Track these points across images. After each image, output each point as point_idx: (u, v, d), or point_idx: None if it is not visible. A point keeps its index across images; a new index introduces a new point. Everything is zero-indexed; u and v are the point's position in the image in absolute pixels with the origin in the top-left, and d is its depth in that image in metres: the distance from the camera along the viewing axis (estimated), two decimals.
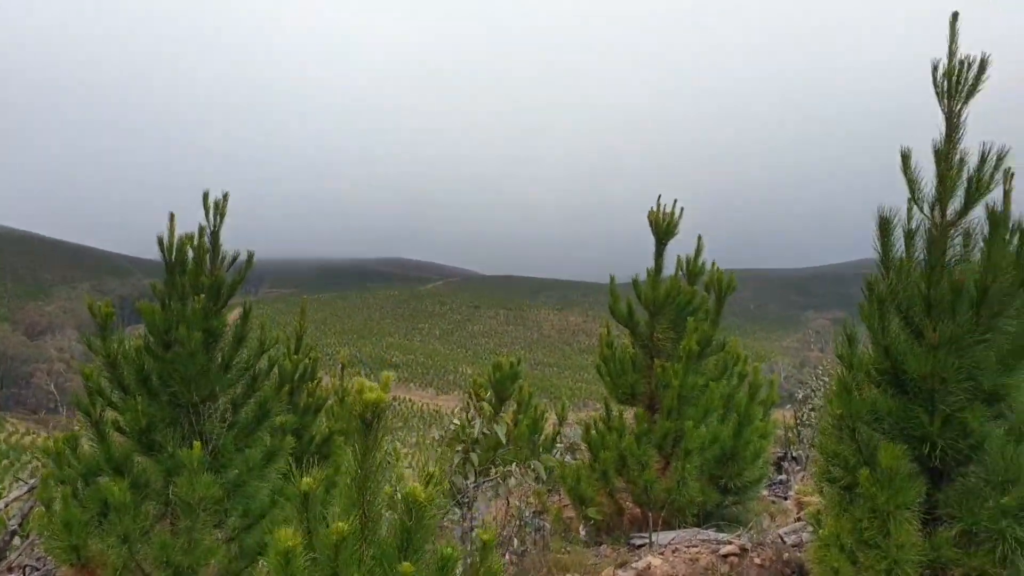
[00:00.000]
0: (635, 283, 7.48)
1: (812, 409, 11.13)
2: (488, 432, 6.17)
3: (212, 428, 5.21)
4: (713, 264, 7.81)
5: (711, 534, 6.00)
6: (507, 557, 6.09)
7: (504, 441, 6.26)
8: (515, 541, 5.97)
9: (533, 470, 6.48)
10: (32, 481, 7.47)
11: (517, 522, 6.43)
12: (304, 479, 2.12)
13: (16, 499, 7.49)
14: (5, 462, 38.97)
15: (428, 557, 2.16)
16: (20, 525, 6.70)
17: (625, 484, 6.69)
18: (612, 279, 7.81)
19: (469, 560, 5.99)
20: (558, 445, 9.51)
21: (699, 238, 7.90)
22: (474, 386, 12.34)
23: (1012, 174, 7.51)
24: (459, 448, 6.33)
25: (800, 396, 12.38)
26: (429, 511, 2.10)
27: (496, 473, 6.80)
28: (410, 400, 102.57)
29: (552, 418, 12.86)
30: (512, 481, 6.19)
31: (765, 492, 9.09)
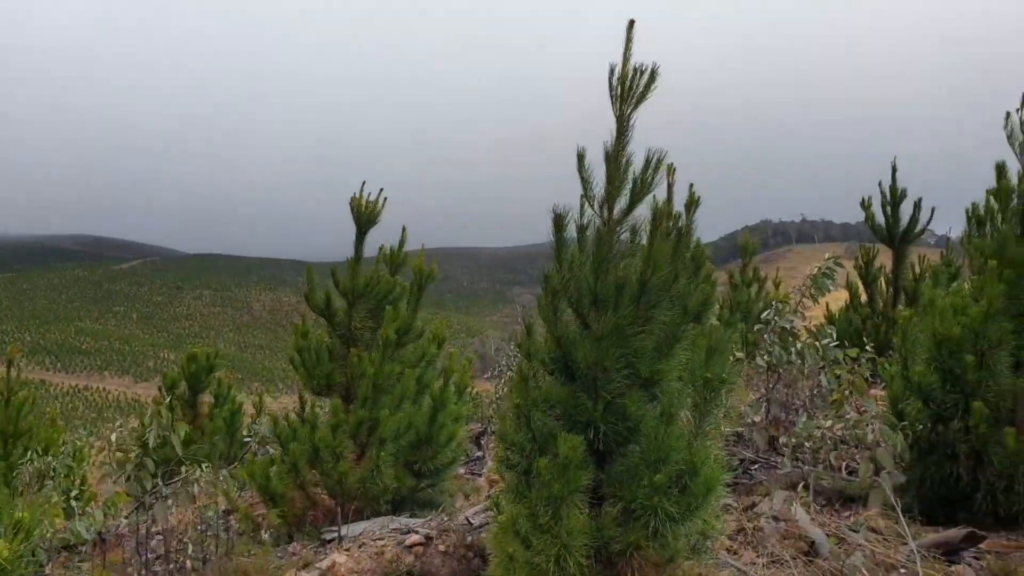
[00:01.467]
0: (334, 272, 7.31)
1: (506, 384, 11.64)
2: (167, 435, 5.71)
3: None
4: (419, 255, 7.82)
5: (403, 521, 6.01)
6: (188, 564, 5.69)
7: (180, 450, 5.83)
8: (190, 547, 5.58)
9: (222, 479, 6.10)
10: None
11: (199, 527, 6.03)
12: None
13: None
14: None
15: None
16: None
17: (319, 477, 6.52)
18: (309, 269, 7.58)
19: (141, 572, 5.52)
20: (250, 442, 9.12)
21: (403, 229, 7.88)
22: (164, 380, 11.51)
23: (674, 169, 8.19)
24: (132, 455, 5.80)
25: (497, 371, 12.90)
26: (18, 568, 1.79)
27: (181, 476, 6.34)
28: (104, 389, 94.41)
29: (251, 408, 12.35)
30: (196, 488, 5.78)
31: (462, 470, 9.35)
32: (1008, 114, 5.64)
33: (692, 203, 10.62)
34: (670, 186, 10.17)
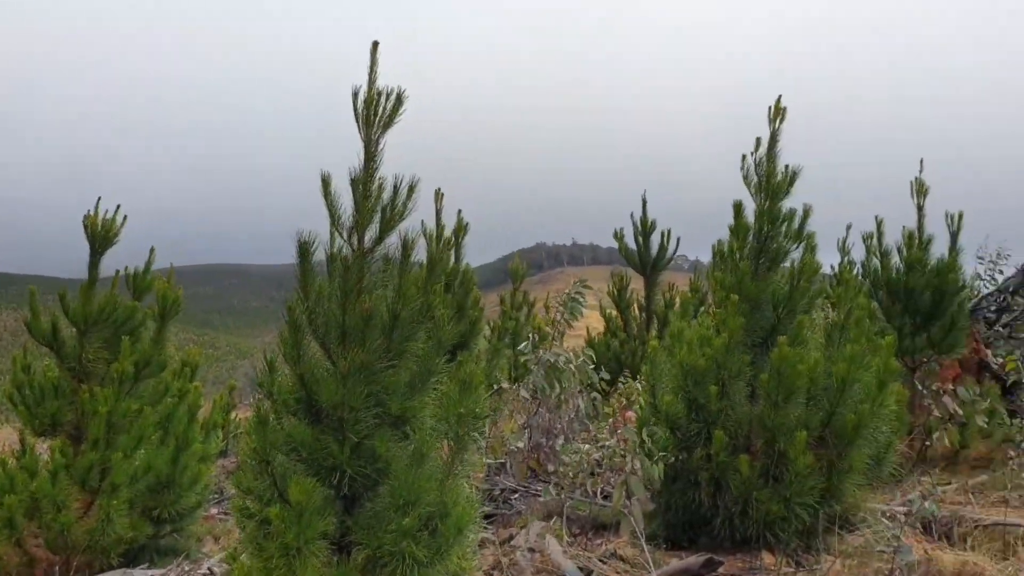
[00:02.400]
0: (62, 297, 6.55)
1: None
2: None
3: None
4: (164, 277, 7.19)
5: (139, 573, 5.45)
6: None
7: None
8: None
9: None
10: None
11: None
12: None
13: None
14: None
15: None
16: None
17: (37, 529, 5.77)
18: (33, 292, 6.74)
19: None
20: None
21: (151, 250, 7.23)
22: None
23: (442, 194, 8.05)
24: None
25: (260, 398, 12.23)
26: None
27: None
28: None
29: None
30: None
31: (215, 510, 8.72)
32: (744, 156, 6.05)
33: (460, 229, 10.68)
34: (438, 211, 10.09)
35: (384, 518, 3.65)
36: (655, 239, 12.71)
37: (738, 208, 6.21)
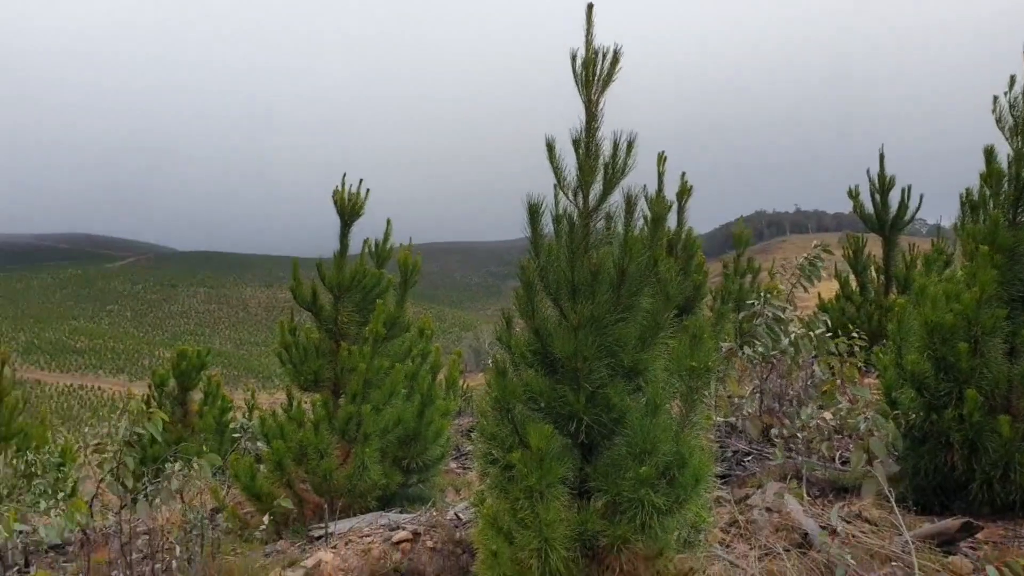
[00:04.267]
0: (319, 266, 7.22)
1: None
2: (142, 431, 5.62)
3: None
4: (402, 245, 7.76)
5: (392, 517, 5.94)
6: (174, 564, 5.61)
7: (159, 438, 5.74)
8: (178, 549, 5.50)
9: (200, 468, 6.02)
10: None
11: (185, 526, 5.94)
12: None
13: None
14: None
15: None
16: None
17: (305, 474, 6.45)
18: (295, 263, 7.48)
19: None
20: (236, 435, 9.05)
21: (388, 222, 7.81)
22: (154, 378, 11.44)
23: (665, 158, 8.04)
24: (109, 455, 5.70)
25: (490, 365, 12.82)
26: None
27: (165, 473, 6.25)
28: (100, 388, 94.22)
29: (243, 406, 12.28)
30: (176, 482, 5.70)
31: (454, 464, 9.29)
32: (996, 98, 5.57)
33: (684, 192, 10.53)
34: (660, 175, 10.04)
35: (622, 466, 3.77)
36: (894, 196, 11.89)
37: (989, 153, 5.72)
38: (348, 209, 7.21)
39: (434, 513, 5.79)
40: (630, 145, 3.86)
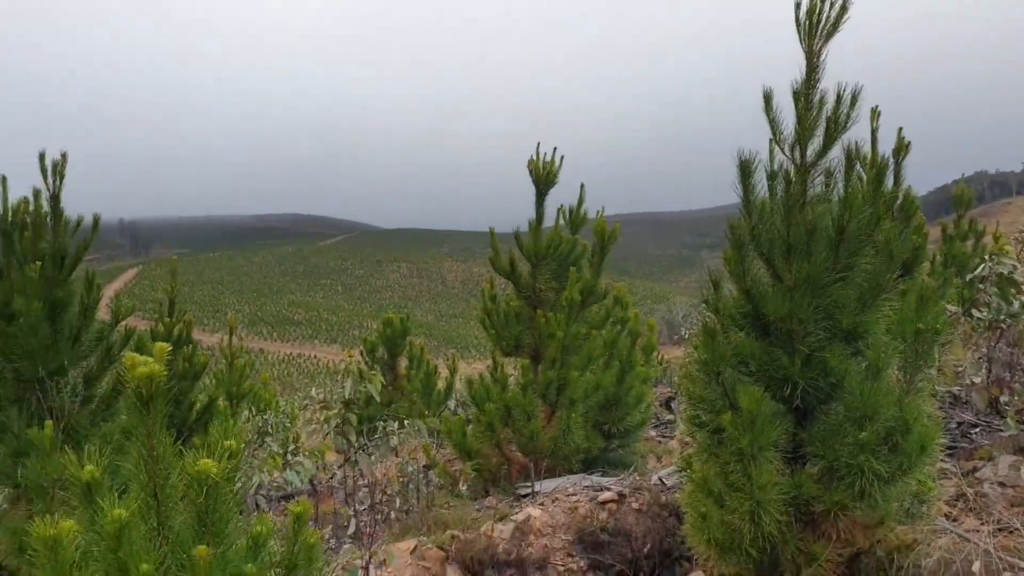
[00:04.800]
0: (516, 235, 7.37)
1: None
2: (363, 390, 6.01)
3: (63, 404, 4.88)
4: (598, 212, 7.78)
5: (595, 479, 6.02)
6: (392, 515, 5.99)
7: (378, 398, 6.11)
8: (397, 501, 5.86)
9: (417, 429, 6.37)
10: None
11: (402, 479, 6.32)
12: (87, 467, 1.92)
13: None
14: None
15: (234, 536, 1.99)
16: None
17: (511, 435, 6.66)
18: (492, 232, 7.68)
19: (353, 527, 5.84)
20: (448, 402, 9.44)
21: (581, 187, 7.84)
22: (365, 344, 12.16)
23: (879, 112, 7.60)
24: (334, 412, 6.16)
25: (687, 335, 12.63)
26: (226, 487, 1.93)
27: (380, 431, 6.66)
28: (316, 357, 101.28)
29: (445, 372, 12.81)
30: (395, 440, 6.06)
31: (653, 432, 9.26)
32: None
33: (901, 149, 9.82)
34: (874, 131, 9.48)
35: (840, 431, 3.63)
36: None
37: None
38: (543, 177, 7.30)
39: (637, 477, 5.82)
40: (854, 98, 3.66)
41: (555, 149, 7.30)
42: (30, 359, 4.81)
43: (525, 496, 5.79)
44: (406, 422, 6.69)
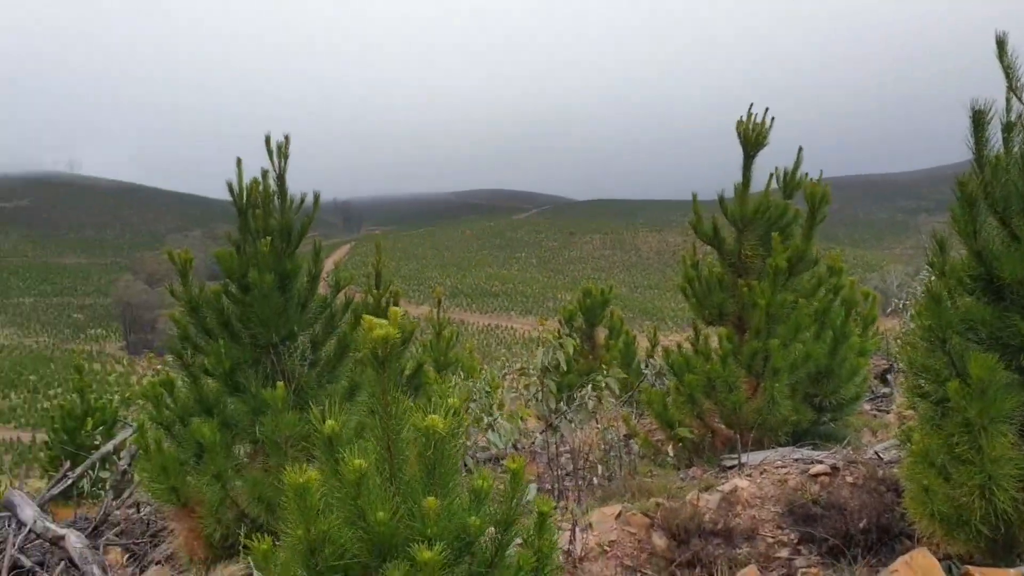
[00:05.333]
0: (721, 200, 7.19)
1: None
2: (559, 357, 6.12)
3: (294, 367, 5.33)
4: (806, 175, 7.46)
5: (805, 452, 5.82)
6: (595, 481, 6.09)
7: (564, 367, 6.18)
8: (600, 468, 5.94)
9: (607, 387, 6.42)
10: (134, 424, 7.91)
11: (603, 446, 6.40)
12: (328, 422, 2.10)
13: (126, 440, 7.95)
14: (140, 402, 41.77)
15: (457, 489, 2.12)
16: (130, 464, 7.11)
17: (713, 406, 6.56)
18: (695, 196, 7.53)
19: (555, 487, 6.00)
20: (644, 371, 9.42)
21: (799, 150, 7.55)
22: (563, 313, 12.35)
23: None
24: (534, 378, 6.31)
25: (902, 305, 11.87)
26: (451, 443, 2.05)
27: (579, 398, 6.76)
28: (512, 328, 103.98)
29: (644, 342, 12.77)
30: (591, 404, 6.14)
31: (867, 406, 8.81)
32: None
33: None
34: None
35: None
36: None
37: None
38: (751, 140, 7.06)
39: (851, 451, 5.57)
40: None
41: (766, 110, 7.04)
42: (264, 326, 5.28)
43: (730, 468, 5.70)
44: (598, 377, 6.72)
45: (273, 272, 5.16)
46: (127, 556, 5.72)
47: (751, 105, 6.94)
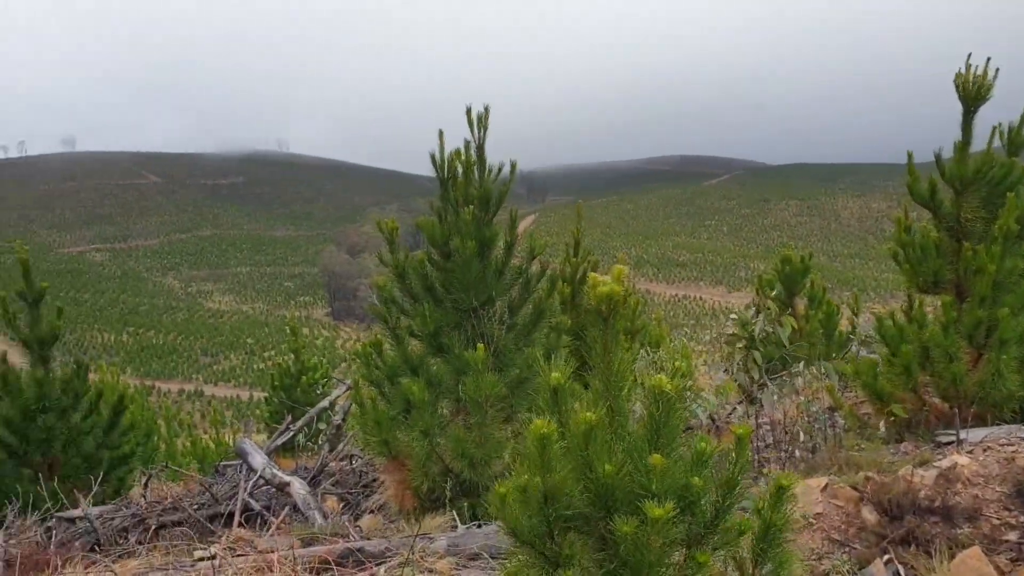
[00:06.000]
0: (937, 159, 6.68)
1: None
2: (771, 330, 5.93)
3: (492, 330, 5.49)
4: None
5: None
6: (797, 453, 5.90)
7: (786, 342, 5.97)
8: (802, 435, 5.73)
9: (824, 373, 6.15)
10: (348, 381, 8.44)
11: (806, 418, 6.17)
12: (553, 374, 2.15)
13: (339, 397, 8.53)
14: (344, 364, 44.78)
15: (680, 451, 2.12)
16: (343, 419, 7.62)
17: (929, 378, 6.13)
18: (910, 156, 7.02)
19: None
20: (850, 344, 8.97)
21: None
22: (760, 282, 11.95)
23: None
24: (740, 346, 6.15)
25: None
26: (677, 403, 2.05)
27: (784, 371, 6.55)
28: (700, 298, 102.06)
29: (847, 313, 12.14)
30: (800, 380, 5.92)
31: None
32: None
33: None
34: None
35: None
36: None
37: None
38: (972, 93, 6.50)
39: None
40: None
41: (988, 60, 6.45)
42: (465, 291, 5.47)
43: (947, 444, 5.34)
44: (812, 367, 6.49)
45: (474, 240, 5.33)
46: (342, 504, 6.15)
47: (969, 56, 6.37)
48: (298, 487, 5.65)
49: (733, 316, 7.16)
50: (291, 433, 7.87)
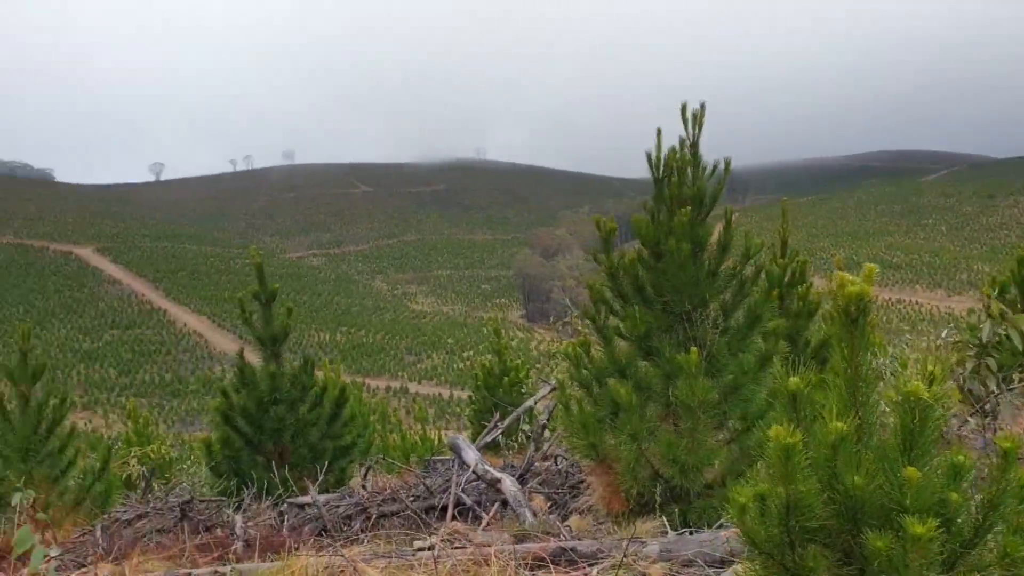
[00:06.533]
0: None
1: None
2: (1006, 335, 5.39)
3: (705, 334, 5.35)
4: None
5: None
6: None
7: (1020, 348, 5.40)
8: None
9: None
10: (553, 382, 8.54)
11: None
12: (792, 379, 2.05)
13: (543, 397, 8.64)
14: (538, 365, 45.59)
15: (935, 463, 1.95)
16: (548, 419, 7.71)
17: None
18: None
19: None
20: None
21: None
22: (991, 283, 10.94)
23: None
24: (970, 353, 5.64)
25: None
26: (934, 412, 1.89)
27: (1021, 381, 5.96)
28: (916, 303, 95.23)
29: None
30: None
31: None
32: None
33: None
34: None
35: None
36: None
37: None
38: None
39: None
40: None
41: None
42: (677, 293, 5.36)
43: None
44: None
45: (689, 241, 5.22)
46: (549, 504, 6.22)
47: None
48: (509, 484, 5.76)
49: (956, 324, 6.58)
50: (499, 431, 8.07)
